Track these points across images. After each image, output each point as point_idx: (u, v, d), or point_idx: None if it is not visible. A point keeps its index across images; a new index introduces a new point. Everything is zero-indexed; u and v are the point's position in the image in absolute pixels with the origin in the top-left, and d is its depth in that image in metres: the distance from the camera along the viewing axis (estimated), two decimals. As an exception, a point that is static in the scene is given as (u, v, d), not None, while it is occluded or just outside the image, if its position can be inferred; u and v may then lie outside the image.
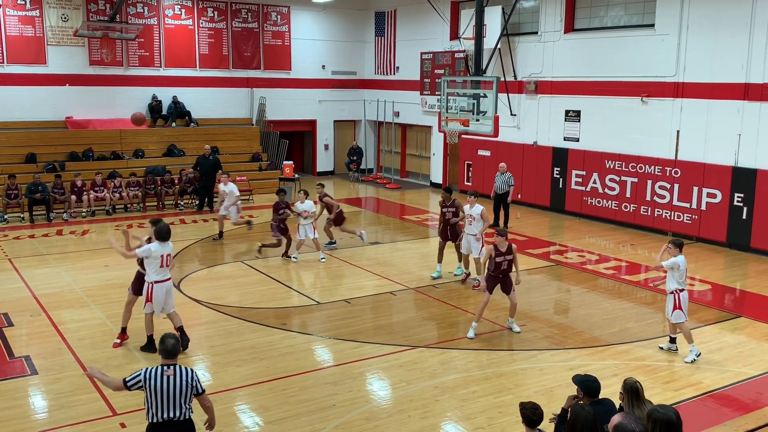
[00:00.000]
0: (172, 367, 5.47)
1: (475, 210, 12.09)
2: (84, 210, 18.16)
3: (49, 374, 8.49)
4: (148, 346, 9.04)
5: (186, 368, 5.55)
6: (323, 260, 13.94)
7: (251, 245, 15.14)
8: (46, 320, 10.40)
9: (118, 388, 5.61)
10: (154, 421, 5.43)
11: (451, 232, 12.63)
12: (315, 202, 14.24)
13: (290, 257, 14.00)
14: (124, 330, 9.48)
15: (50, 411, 7.59)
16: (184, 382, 5.45)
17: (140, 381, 5.42)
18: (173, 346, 5.54)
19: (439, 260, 12.87)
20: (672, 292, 9.09)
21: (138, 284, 9.17)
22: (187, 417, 5.50)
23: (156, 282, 8.80)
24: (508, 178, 16.89)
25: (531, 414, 5.16)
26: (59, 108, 20.92)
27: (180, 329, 9.08)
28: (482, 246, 12.03)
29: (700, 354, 9.09)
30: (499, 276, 9.97)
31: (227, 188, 15.61)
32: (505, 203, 16.95)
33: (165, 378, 5.40)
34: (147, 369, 5.49)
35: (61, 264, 13.63)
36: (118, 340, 9.43)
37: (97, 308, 10.97)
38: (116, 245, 9.07)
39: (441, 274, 12.80)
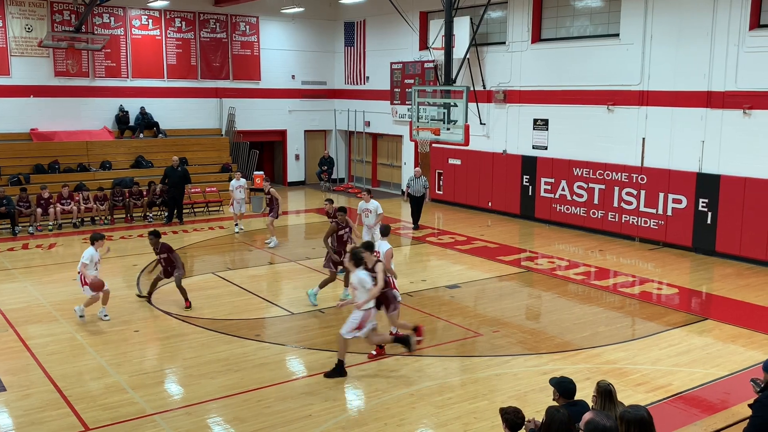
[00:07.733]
0: None
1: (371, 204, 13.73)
2: (50, 223, 17.83)
3: (18, 390, 8.31)
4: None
5: None
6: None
7: (222, 256, 15.05)
8: (14, 335, 10.18)
9: None
10: None
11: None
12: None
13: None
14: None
15: (20, 428, 7.42)
16: None
17: None
18: None
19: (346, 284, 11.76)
20: None
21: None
22: None
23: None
24: (424, 182, 18.01)
25: (514, 417, 5.21)
26: (24, 120, 20.57)
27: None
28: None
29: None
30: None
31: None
32: (420, 204, 18.11)
33: None
34: None
35: (28, 278, 13.37)
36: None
37: (66, 322, 10.78)
38: None
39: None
